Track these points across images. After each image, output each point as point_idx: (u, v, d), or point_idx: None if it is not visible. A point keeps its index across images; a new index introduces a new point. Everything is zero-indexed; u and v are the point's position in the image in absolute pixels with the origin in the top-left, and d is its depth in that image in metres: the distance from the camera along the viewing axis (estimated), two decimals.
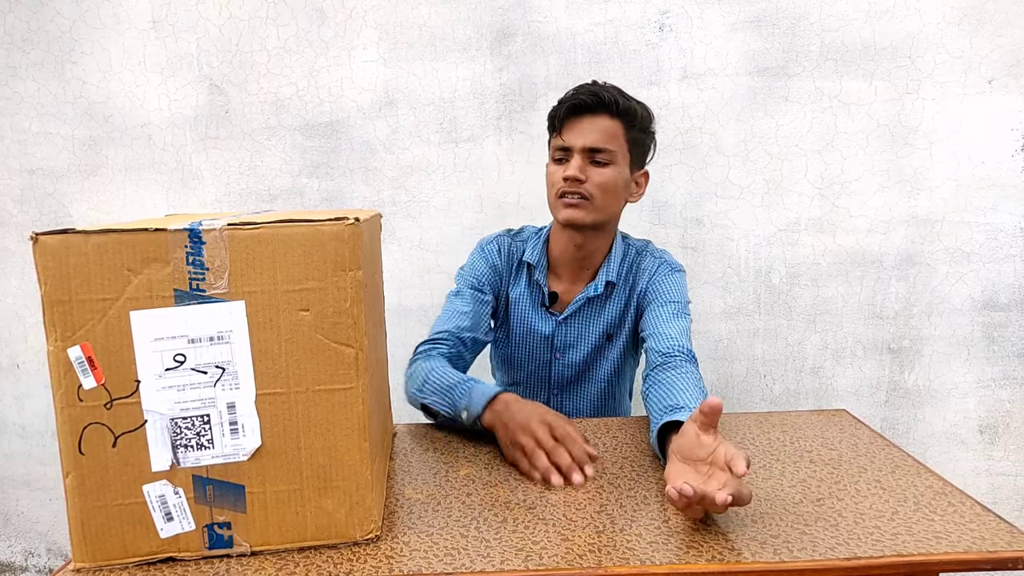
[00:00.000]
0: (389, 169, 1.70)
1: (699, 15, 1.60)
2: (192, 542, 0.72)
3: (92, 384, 0.68)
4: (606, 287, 1.24)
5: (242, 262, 0.68)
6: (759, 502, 0.80)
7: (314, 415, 0.72)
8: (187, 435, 0.70)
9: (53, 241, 0.65)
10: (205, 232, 0.67)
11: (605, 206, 1.17)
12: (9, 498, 1.93)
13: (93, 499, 0.69)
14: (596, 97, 1.14)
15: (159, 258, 0.67)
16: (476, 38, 1.64)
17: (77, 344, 0.67)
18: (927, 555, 0.68)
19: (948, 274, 1.65)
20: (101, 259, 0.66)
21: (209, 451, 0.70)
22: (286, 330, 0.70)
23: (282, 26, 1.66)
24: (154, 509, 0.70)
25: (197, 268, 0.67)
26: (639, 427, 1.09)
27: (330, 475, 0.73)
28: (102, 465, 0.69)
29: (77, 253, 0.66)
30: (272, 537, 0.73)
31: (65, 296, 0.66)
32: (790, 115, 1.62)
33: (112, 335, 0.67)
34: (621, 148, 1.17)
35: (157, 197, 1.74)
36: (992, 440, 1.71)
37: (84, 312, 0.67)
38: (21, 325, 1.83)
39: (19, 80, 1.72)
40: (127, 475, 0.70)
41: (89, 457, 0.69)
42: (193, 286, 0.67)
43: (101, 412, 0.68)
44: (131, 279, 0.67)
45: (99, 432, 0.68)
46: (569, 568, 0.67)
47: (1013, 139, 1.59)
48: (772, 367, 1.73)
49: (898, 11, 1.57)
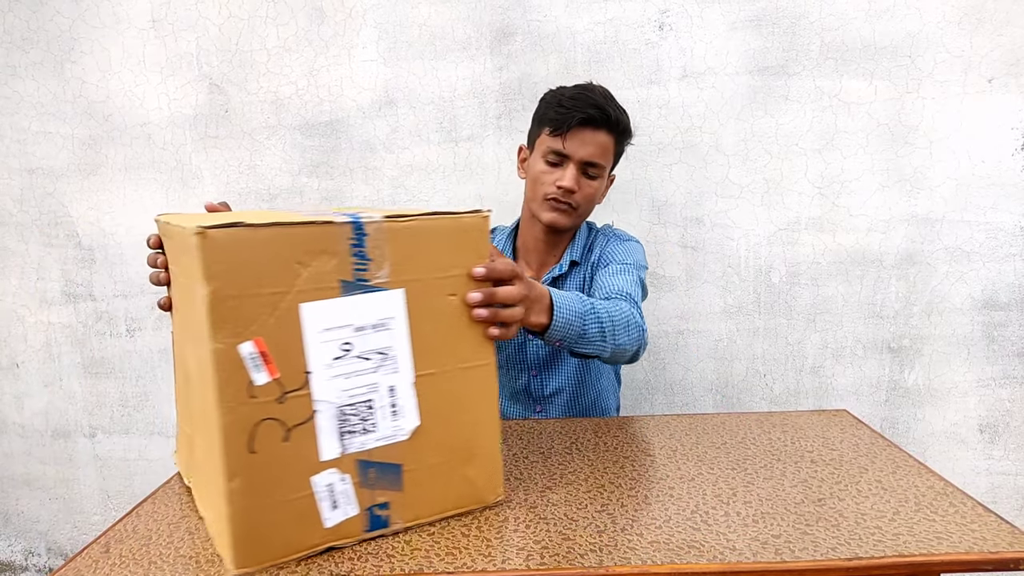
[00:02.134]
0: (389, 168, 1.70)
1: (699, 14, 1.60)
2: (352, 528, 0.73)
3: (265, 379, 0.66)
4: (570, 266, 1.30)
5: (401, 252, 0.72)
6: (760, 502, 0.80)
7: (460, 391, 0.77)
8: (353, 421, 0.71)
9: (222, 235, 0.63)
10: (367, 224, 0.69)
11: (585, 212, 1.27)
12: (9, 498, 1.93)
13: (261, 498, 0.67)
14: (603, 114, 1.19)
15: (326, 250, 0.68)
16: (476, 37, 1.64)
17: (249, 340, 0.65)
18: (928, 555, 0.68)
19: (948, 273, 1.65)
20: (270, 253, 0.65)
21: (373, 435, 0.72)
22: (437, 314, 0.75)
23: (282, 25, 1.66)
24: (321, 499, 0.71)
25: (360, 259, 0.70)
26: (639, 427, 1.09)
27: (472, 446, 0.79)
28: (273, 462, 0.67)
29: (247, 247, 0.64)
30: (422, 511, 0.77)
31: (235, 291, 0.64)
32: (790, 114, 1.62)
33: (283, 328, 0.66)
34: (609, 161, 1.25)
35: (157, 196, 1.74)
36: (992, 439, 1.71)
37: (255, 307, 0.65)
38: (21, 325, 1.83)
39: (19, 79, 1.72)
40: (296, 469, 0.69)
41: (261, 455, 0.67)
42: (357, 276, 0.70)
43: (273, 407, 0.67)
44: (300, 272, 0.67)
45: (270, 428, 0.67)
46: (570, 567, 0.67)
47: (1013, 138, 1.59)
48: (772, 366, 1.73)
49: (898, 10, 1.56)
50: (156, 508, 0.84)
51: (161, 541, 0.76)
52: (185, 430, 0.87)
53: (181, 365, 0.85)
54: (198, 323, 0.66)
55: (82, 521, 1.92)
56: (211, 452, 0.67)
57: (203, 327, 0.64)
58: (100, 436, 1.86)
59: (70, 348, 1.83)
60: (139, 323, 1.80)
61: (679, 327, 1.70)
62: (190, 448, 0.85)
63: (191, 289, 0.68)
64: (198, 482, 0.84)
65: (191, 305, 0.70)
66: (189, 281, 0.68)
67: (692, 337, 1.72)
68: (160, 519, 0.81)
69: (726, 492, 0.84)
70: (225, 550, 0.68)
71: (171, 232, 0.78)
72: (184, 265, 0.72)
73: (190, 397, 0.80)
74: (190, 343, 0.76)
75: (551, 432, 1.06)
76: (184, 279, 0.74)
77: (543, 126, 1.24)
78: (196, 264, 0.63)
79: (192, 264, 0.64)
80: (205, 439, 0.71)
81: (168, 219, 0.79)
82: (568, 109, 1.19)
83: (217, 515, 0.70)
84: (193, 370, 0.75)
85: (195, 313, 0.67)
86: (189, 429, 0.84)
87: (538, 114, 1.28)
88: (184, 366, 0.82)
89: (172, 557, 0.72)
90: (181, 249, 0.73)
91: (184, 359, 0.81)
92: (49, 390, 1.86)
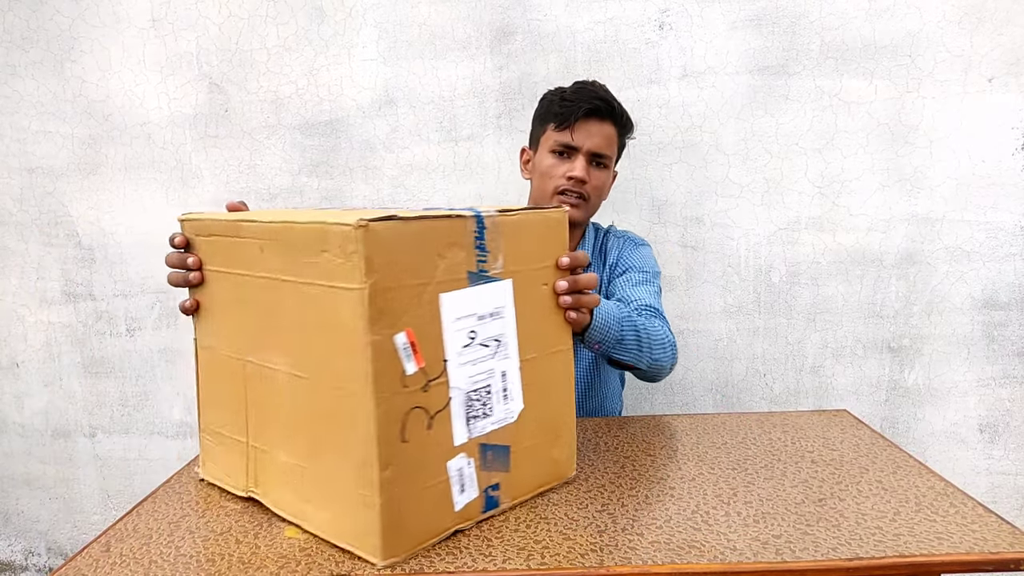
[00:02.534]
0: (389, 168, 1.70)
1: (699, 13, 1.60)
2: (472, 510, 0.75)
3: (413, 369, 0.68)
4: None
5: (510, 245, 0.76)
6: (761, 502, 0.80)
7: (549, 375, 0.83)
8: (476, 406, 0.75)
9: (383, 228, 0.64)
10: (486, 218, 0.74)
11: (596, 204, 1.29)
12: (9, 497, 1.93)
13: (408, 486, 0.69)
14: (608, 105, 1.22)
15: (458, 243, 0.71)
16: (476, 36, 1.64)
17: (402, 331, 0.67)
18: (929, 556, 0.68)
19: (948, 273, 1.65)
20: (418, 245, 0.68)
21: (490, 419, 0.76)
22: (533, 302, 0.80)
23: (282, 24, 1.66)
24: (453, 484, 0.73)
25: (481, 251, 0.74)
26: (639, 427, 1.09)
27: (558, 426, 0.85)
28: (418, 450, 0.69)
29: (401, 240, 0.66)
30: (520, 490, 0.81)
31: (391, 283, 0.65)
32: (790, 113, 1.62)
33: (425, 318, 0.69)
34: (614, 153, 1.28)
35: (157, 196, 1.74)
36: (992, 439, 1.71)
37: (405, 298, 0.67)
38: (21, 324, 1.83)
39: (18, 79, 1.72)
40: (435, 455, 0.71)
41: (410, 443, 0.68)
42: (480, 268, 0.74)
43: (419, 396, 0.69)
44: (439, 263, 0.70)
45: (417, 416, 0.69)
46: (571, 567, 0.67)
47: (1013, 137, 1.59)
48: (772, 366, 1.73)
49: (898, 9, 1.56)
50: (156, 507, 0.84)
51: (161, 540, 0.76)
52: (247, 442, 0.82)
53: (233, 377, 0.81)
54: (322, 320, 0.68)
55: (82, 521, 1.92)
56: (352, 447, 0.68)
57: (350, 321, 0.65)
58: (100, 436, 1.86)
59: (70, 348, 1.83)
60: (139, 323, 1.80)
61: (679, 327, 1.70)
62: (249, 460, 0.82)
63: (303, 290, 0.68)
64: (289, 487, 0.78)
65: (299, 304, 0.70)
66: (306, 279, 0.68)
67: (692, 337, 1.72)
68: (160, 518, 0.81)
69: (726, 492, 0.84)
70: (371, 542, 0.68)
71: (264, 231, 0.74)
72: (294, 262, 0.70)
73: (266, 407, 0.78)
74: (268, 349, 0.75)
75: None
76: (286, 278, 0.72)
77: (547, 123, 1.25)
78: (348, 258, 0.64)
79: (330, 260, 0.65)
80: (340, 435, 0.70)
81: (230, 217, 0.77)
82: (573, 102, 1.21)
83: (355, 510, 0.69)
84: (282, 375, 0.74)
85: (311, 311, 0.69)
86: (258, 442, 0.81)
87: (539, 113, 1.29)
88: (247, 376, 0.79)
89: (172, 556, 0.72)
90: (290, 246, 0.71)
91: (250, 368, 0.79)
92: (49, 390, 1.86)
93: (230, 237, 0.79)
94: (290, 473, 0.77)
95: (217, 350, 0.84)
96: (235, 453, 0.84)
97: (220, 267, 0.81)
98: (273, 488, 0.80)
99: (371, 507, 0.67)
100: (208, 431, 0.88)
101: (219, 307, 0.83)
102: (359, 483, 0.67)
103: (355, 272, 0.63)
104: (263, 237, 0.74)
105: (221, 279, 0.82)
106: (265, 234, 0.74)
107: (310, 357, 0.72)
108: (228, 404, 0.84)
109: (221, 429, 0.86)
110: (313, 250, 0.67)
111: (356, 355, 0.65)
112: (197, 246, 0.84)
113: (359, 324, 0.64)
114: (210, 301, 0.84)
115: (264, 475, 0.81)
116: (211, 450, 0.89)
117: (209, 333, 0.85)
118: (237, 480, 0.85)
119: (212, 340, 0.85)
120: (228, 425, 0.85)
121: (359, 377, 0.65)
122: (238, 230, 0.77)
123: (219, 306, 0.83)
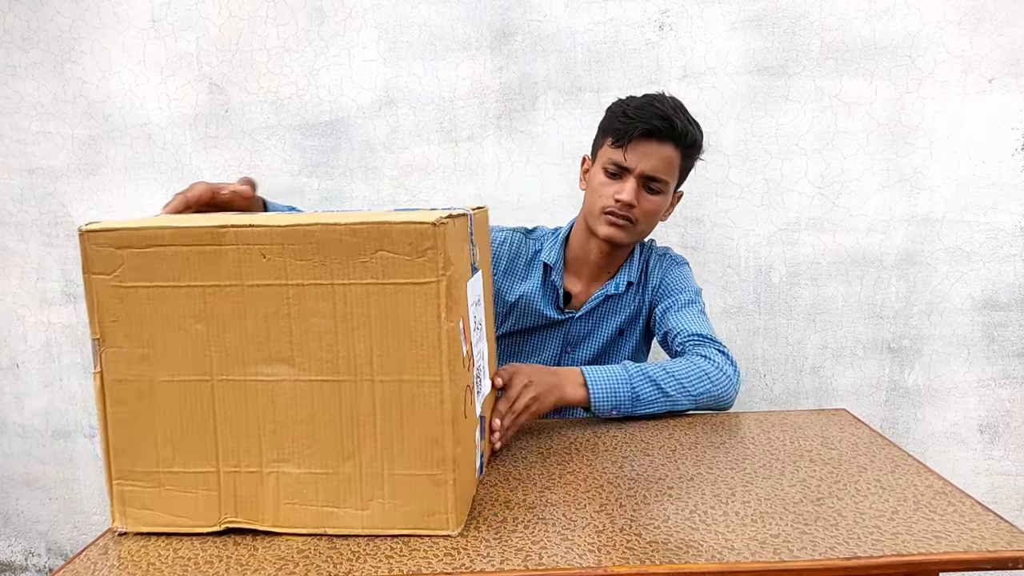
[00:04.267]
0: (389, 168, 1.70)
1: (699, 14, 1.60)
2: (475, 476, 0.84)
3: (465, 351, 0.76)
4: (627, 286, 1.28)
5: (479, 241, 0.86)
6: (759, 501, 0.80)
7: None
8: (479, 383, 0.84)
9: (450, 224, 0.70)
10: (473, 216, 0.83)
11: (645, 230, 1.24)
12: (9, 498, 1.93)
13: (465, 459, 0.76)
14: (669, 125, 1.13)
15: (466, 238, 0.79)
16: (476, 37, 1.64)
17: (460, 318, 0.73)
18: (927, 554, 0.68)
19: (948, 273, 1.65)
20: (460, 239, 0.75)
21: (481, 394, 0.86)
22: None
23: (282, 25, 1.66)
24: (479, 453, 0.85)
25: (472, 246, 0.82)
26: (638, 427, 1.09)
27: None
28: (468, 424, 0.77)
29: (454, 235, 0.72)
30: (487, 458, 0.93)
31: (457, 275, 0.72)
32: (790, 114, 1.62)
33: (460, 305, 0.74)
34: (673, 177, 1.20)
35: (157, 196, 1.74)
36: (992, 439, 1.71)
37: (459, 288, 0.74)
38: (21, 325, 1.83)
39: (19, 79, 1.72)
40: (472, 427, 0.80)
41: (467, 419, 0.77)
42: (472, 261, 0.82)
43: (468, 375, 0.78)
44: (462, 255, 0.76)
45: (467, 394, 0.78)
46: (569, 568, 0.67)
47: (1013, 138, 1.59)
48: (772, 366, 1.72)
49: (898, 10, 1.56)
50: None
51: (160, 541, 0.76)
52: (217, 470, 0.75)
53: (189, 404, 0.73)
54: (381, 316, 0.70)
55: (82, 521, 1.92)
56: (417, 433, 0.72)
57: (425, 313, 0.69)
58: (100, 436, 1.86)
59: (70, 348, 1.83)
60: None
61: None
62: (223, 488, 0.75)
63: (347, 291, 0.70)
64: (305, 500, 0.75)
65: (338, 306, 0.70)
66: (351, 280, 0.69)
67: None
68: None
69: (725, 492, 0.84)
70: (440, 518, 0.73)
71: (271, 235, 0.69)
72: (323, 265, 0.68)
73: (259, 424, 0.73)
74: (263, 362, 0.71)
75: (550, 432, 1.07)
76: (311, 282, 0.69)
77: (606, 136, 1.20)
78: (422, 254, 0.67)
79: (390, 258, 0.68)
80: (397, 426, 0.72)
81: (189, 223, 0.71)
82: (632, 119, 1.14)
83: (423, 491, 0.73)
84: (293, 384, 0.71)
85: (358, 310, 0.70)
86: (242, 466, 0.74)
87: (603, 124, 1.24)
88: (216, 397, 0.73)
89: (171, 559, 0.72)
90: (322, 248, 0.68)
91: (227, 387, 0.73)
92: (49, 390, 1.86)
93: (198, 246, 0.70)
94: (308, 484, 0.73)
95: (151, 379, 0.73)
96: (196, 487, 0.75)
97: (169, 282, 0.71)
98: (277, 507, 0.75)
99: (442, 484, 0.72)
100: (131, 477, 0.76)
101: (163, 330, 0.72)
102: (427, 464, 0.72)
103: (429, 267, 0.68)
104: (268, 242, 0.68)
105: (168, 296, 0.71)
106: (273, 238, 0.68)
107: (350, 358, 0.70)
108: (178, 437, 0.74)
109: (160, 468, 0.75)
110: (365, 250, 0.68)
111: (431, 343, 0.70)
112: (119, 261, 0.73)
113: (438, 314, 0.69)
114: (138, 326, 0.72)
115: (257, 498, 0.75)
116: (139, 496, 0.76)
117: (135, 361, 0.73)
118: (202, 516, 0.75)
119: (140, 369, 0.73)
120: (179, 460, 0.74)
121: (436, 363, 0.70)
122: (217, 238, 0.69)
123: (163, 328, 0.72)
